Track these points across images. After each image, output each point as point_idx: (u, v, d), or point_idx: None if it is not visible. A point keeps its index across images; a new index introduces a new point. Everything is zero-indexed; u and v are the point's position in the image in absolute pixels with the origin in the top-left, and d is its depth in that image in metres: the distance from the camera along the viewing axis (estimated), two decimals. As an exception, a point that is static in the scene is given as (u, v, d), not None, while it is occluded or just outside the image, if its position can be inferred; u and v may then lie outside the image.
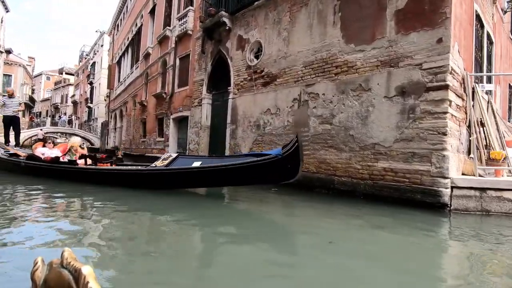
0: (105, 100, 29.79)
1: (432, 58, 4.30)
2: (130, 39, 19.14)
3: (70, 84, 54.32)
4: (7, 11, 27.03)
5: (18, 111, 8.10)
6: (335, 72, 5.56)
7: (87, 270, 0.44)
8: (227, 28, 8.29)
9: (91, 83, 37.81)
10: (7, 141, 8.16)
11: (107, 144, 23.31)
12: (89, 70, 40.14)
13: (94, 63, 37.78)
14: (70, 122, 33.53)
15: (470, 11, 5.21)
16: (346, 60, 5.38)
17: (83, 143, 5.82)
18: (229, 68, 8.32)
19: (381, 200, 4.62)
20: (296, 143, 3.16)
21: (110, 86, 24.60)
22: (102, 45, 35.29)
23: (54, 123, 34.32)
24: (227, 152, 8.06)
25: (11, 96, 8.26)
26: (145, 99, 14.30)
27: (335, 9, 5.67)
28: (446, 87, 4.16)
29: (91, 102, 37.46)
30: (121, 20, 23.41)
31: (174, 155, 4.02)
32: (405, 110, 4.52)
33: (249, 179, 3.55)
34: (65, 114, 47.53)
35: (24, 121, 30.08)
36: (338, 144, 5.37)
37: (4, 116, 7.90)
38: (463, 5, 4.74)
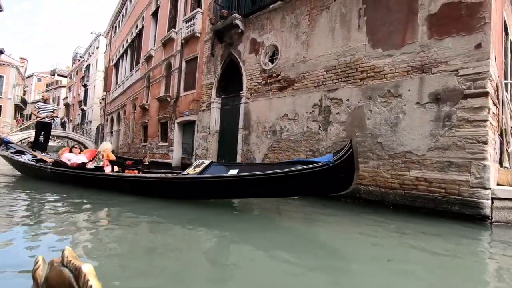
0: (100, 102, 29.19)
1: (470, 64, 4.15)
2: (129, 41, 18.78)
3: (62, 86, 53.32)
4: (1, 10, 26.32)
5: (52, 117, 7.90)
6: (360, 77, 5.38)
7: (87, 268, 0.43)
8: (240, 30, 8.08)
9: (85, 85, 37.09)
10: (35, 146, 7.93)
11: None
12: (83, 72, 39.42)
13: (88, 65, 37.14)
14: (63, 125, 32.68)
15: (501, 17, 5.12)
16: (373, 65, 5.21)
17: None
18: (241, 72, 8.09)
19: (413, 211, 4.42)
20: (351, 149, 2.75)
21: (106, 88, 24.12)
22: (97, 47, 34.74)
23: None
24: (238, 159, 7.79)
25: (46, 101, 8.00)
26: (147, 102, 13.93)
27: (360, 12, 5.52)
28: (486, 94, 4.01)
29: (85, 105, 36.70)
30: (119, 22, 23.03)
31: (207, 162, 3.72)
32: (440, 118, 4.35)
33: (295, 190, 3.22)
34: (57, 117, 46.56)
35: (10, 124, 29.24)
36: (365, 152, 5.16)
37: (37, 121, 7.69)
38: (497, 11, 4.63)
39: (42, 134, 7.93)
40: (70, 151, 5.94)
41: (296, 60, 6.58)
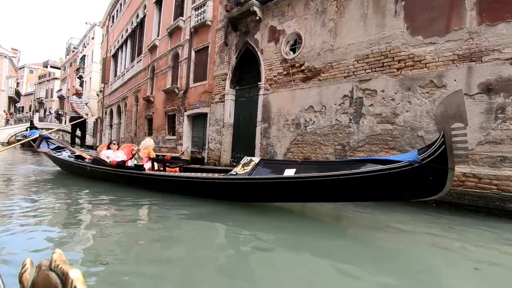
0: (97, 95, 28.42)
1: (528, 51, 3.86)
2: (129, 31, 18.11)
3: (55, 78, 51.89)
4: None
5: (89, 116, 7.77)
6: (397, 67, 5.07)
7: (75, 274, 0.41)
8: (257, 18, 7.67)
9: (80, 77, 36.06)
10: (73, 142, 7.81)
11: (101, 142, 22.14)
12: (78, 63, 38.32)
13: (84, 56, 36.06)
14: (59, 117, 31.80)
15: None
16: (412, 53, 4.89)
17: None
18: (258, 62, 7.71)
19: (459, 208, 4.17)
20: (444, 145, 2.25)
21: (104, 80, 23.41)
22: (93, 38, 33.68)
23: (40, 119, 32.53)
24: (257, 153, 7.47)
25: (79, 95, 7.67)
26: (151, 94, 13.44)
27: (396, -3, 5.17)
28: (546, 84, 3.73)
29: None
30: (117, 11, 22.22)
31: (256, 159, 3.38)
32: (492, 110, 4.07)
33: (370, 194, 2.76)
34: (50, 108, 45.37)
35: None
36: (403, 146, 4.88)
37: (72, 116, 7.53)
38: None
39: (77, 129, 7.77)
40: (108, 148, 5.66)
41: (323, 49, 6.22)
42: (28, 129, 8.27)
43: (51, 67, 55.59)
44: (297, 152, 6.54)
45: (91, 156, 6.13)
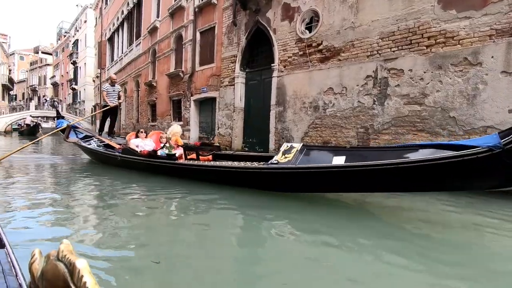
0: (93, 81, 27.71)
1: None
2: (125, 12, 17.35)
3: (48, 64, 50.47)
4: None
5: (119, 101, 7.56)
6: (427, 44, 4.79)
7: (81, 264, 0.42)
8: (269, -5, 7.24)
9: (74, 63, 35.08)
10: (101, 129, 7.70)
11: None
12: (70, 48, 37.13)
13: (76, 41, 34.90)
14: (54, 105, 31.07)
15: None
16: (444, 29, 4.61)
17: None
18: (271, 42, 7.36)
19: (492, 193, 4.03)
20: None
21: (101, 65, 22.72)
22: (85, 21, 32.46)
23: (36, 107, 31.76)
24: (271, 138, 7.26)
25: (113, 84, 7.44)
26: (154, 79, 13.02)
27: (427, -32, 4.82)
28: None
29: (76, 84, 34.91)
30: (111, -9, 21.23)
31: (297, 145, 3.16)
32: (534, 88, 3.87)
33: (437, 183, 2.46)
34: (44, 96, 44.30)
35: None
36: (433, 128, 4.70)
37: (104, 105, 7.40)
38: None
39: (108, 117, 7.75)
40: (136, 136, 5.45)
41: (343, 27, 5.90)
42: (55, 119, 8.10)
43: (43, 52, 53.90)
44: (315, 136, 6.35)
45: (120, 145, 6.02)
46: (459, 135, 4.45)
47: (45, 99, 31.19)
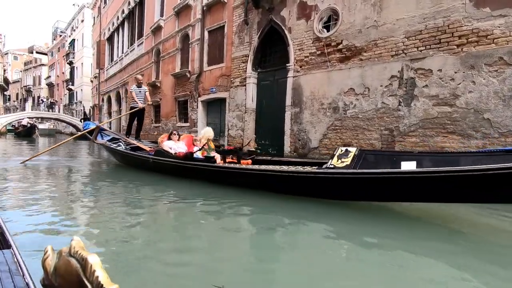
0: (91, 81, 27.23)
1: None
2: (126, 11, 17.02)
3: (43, 64, 49.70)
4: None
5: (148, 102, 7.40)
6: (457, 43, 4.63)
7: (93, 259, 0.43)
8: (284, -7, 7.04)
9: (70, 63, 34.51)
10: (128, 132, 7.45)
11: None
12: (67, 48, 36.53)
13: (73, 40, 34.36)
14: (52, 106, 30.50)
15: None
16: (477, 28, 4.45)
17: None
18: (286, 41, 7.15)
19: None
20: None
21: (99, 65, 22.31)
22: (82, 20, 31.97)
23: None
24: (287, 140, 7.04)
25: (140, 84, 7.21)
26: (157, 79, 12.72)
27: (457, -35, 4.66)
28: None
29: (72, 84, 34.33)
30: (110, -10, 20.87)
31: (353, 150, 2.93)
32: None
33: None
34: (39, 97, 43.52)
35: None
36: (465, 130, 4.52)
37: (131, 106, 7.20)
38: None
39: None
40: (169, 138, 5.19)
41: (365, 26, 5.71)
42: (82, 121, 7.87)
43: (37, 52, 53.11)
44: (335, 138, 6.15)
45: (151, 147, 5.76)
46: (494, 138, 4.28)
47: (41, 99, 30.56)
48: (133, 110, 7.14)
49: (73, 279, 0.44)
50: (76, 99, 33.33)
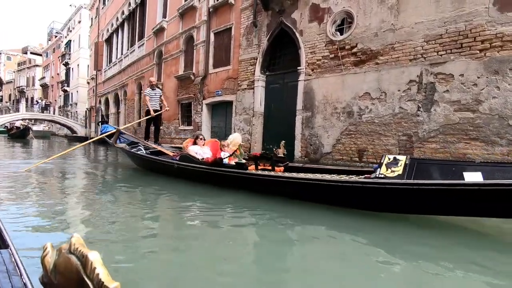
0: (88, 83, 26.81)
1: None
2: (126, 13, 16.79)
3: (37, 65, 48.98)
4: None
5: (161, 105, 7.12)
6: (480, 48, 4.53)
7: (94, 256, 0.43)
8: (296, -5, 6.92)
9: (66, 64, 34.03)
10: (147, 136, 7.17)
11: (96, 133, 20.90)
12: (62, 49, 36.05)
13: (69, 41, 33.91)
14: (47, 107, 29.92)
15: None
16: (501, 32, 4.35)
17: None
18: (296, 44, 7.02)
19: None
20: None
21: (97, 67, 21.97)
22: (79, 21, 31.60)
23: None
24: (297, 145, 6.87)
25: (153, 87, 6.96)
26: (159, 81, 12.47)
27: (480, -32, 4.58)
28: None
29: (68, 85, 33.82)
30: (109, -9, 20.63)
31: (403, 158, 2.73)
32: None
33: None
34: (32, 98, 42.77)
35: None
36: (489, 136, 4.41)
37: (147, 110, 6.92)
38: None
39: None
40: (194, 143, 4.93)
41: (381, 29, 5.60)
42: (100, 124, 7.54)
43: (31, 53, 52.37)
44: (349, 143, 6.00)
45: (175, 152, 5.53)
46: (520, 145, 4.17)
47: (36, 101, 29.96)
48: (148, 117, 6.86)
49: (73, 276, 0.43)
50: (72, 101, 32.82)
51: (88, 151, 12.06)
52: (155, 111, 6.79)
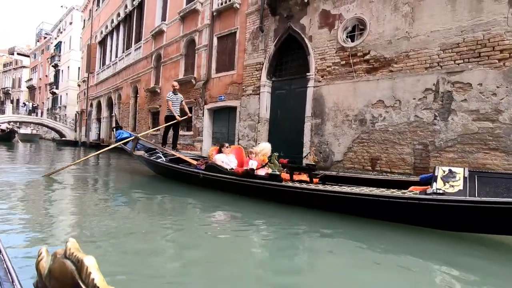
0: (79, 85, 26.12)
1: None
2: (122, 15, 16.46)
3: (24, 66, 47.58)
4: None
5: (189, 115, 6.86)
6: (499, 58, 4.50)
7: (89, 261, 0.42)
8: (305, 0, 6.83)
9: (55, 66, 33.13)
10: (164, 142, 6.84)
11: (87, 137, 20.25)
12: (52, 51, 35.15)
13: (59, 43, 33.09)
14: (34, 110, 28.89)
15: None
16: (521, 42, 4.34)
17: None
18: (305, 50, 6.91)
19: None
20: None
21: (89, 69, 21.41)
22: (70, 23, 30.92)
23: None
24: (306, 153, 6.69)
25: (175, 92, 6.62)
26: (157, 85, 12.19)
27: (498, -22, 4.58)
28: None
29: (57, 88, 32.87)
30: (104, -7, 20.25)
31: (459, 170, 2.54)
32: None
33: None
34: (18, 100, 41.36)
35: None
36: (509, 147, 4.35)
37: (167, 115, 6.62)
38: None
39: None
40: (219, 151, 4.68)
41: (395, 36, 5.55)
42: (114, 129, 7.05)
43: (18, 54, 50.87)
44: (361, 151, 5.87)
45: (198, 160, 5.29)
46: (542, 156, 4.12)
47: (24, 103, 28.94)
48: (170, 123, 6.52)
49: (68, 281, 0.43)
50: (60, 103, 31.89)
51: (97, 156, 11.58)
52: (174, 117, 6.45)
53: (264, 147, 4.35)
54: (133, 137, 5.95)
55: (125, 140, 5.88)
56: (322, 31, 6.64)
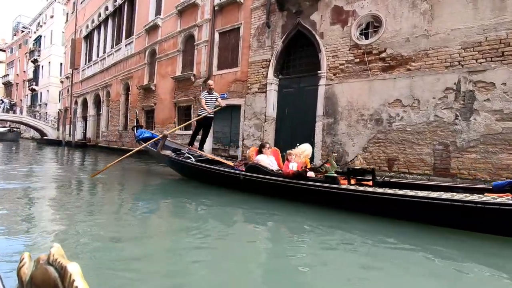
0: (61, 82, 24.91)
1: None
2: (111, 8, 15.73)
3: (0, 62, 45.02)
4: None
5: (216, 109, 6.27)
6: (524, 57, 4.45)
7: (73, 268, 0.40)
8: (316, -4, 6.62)
9: (35, 61, 31.49)
10: (192, 142, 6.43)
11: (72, 136, 19.28)
12: (31, 45, 33.38)
13: (39, 37, 31.46)
14: (12, 107, 27.26)
15: None
16: (546, 42, 4.30)
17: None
18: (316, 47, 6.71)
19: None
20: None
21: (74, 65, 20.41)
22: (52, 16, 29.43)
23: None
24: (317, 153, 6.50)
25: (211, 91, 6.16)
26: (152, 82, 11.67)
27: (522, -23, 4.53)
28: None
29: (37, 84, 31.26)
30: (90, -15, 19.33)
31: None
32: None
33: None
34: (4, 97, 39.06)
35: None
36: (535, 148, 4.30)
37: (199, 113, 6.19)
38: None
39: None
40: (260, 152, 4.38)
41: (413, 34, 5.43)
42: (134, 129, 6.45)
43: (-7, 48, 48.13)
44: (377, 152, 5.73)
45: (236, 161, 5.00)
46: None
47: (1, 100, 27.27)
48: (198, 117, 6.12)
49: None
50: (41, 101, 30.35)
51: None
52: (208, 117, 6.12)
53: (306, 149, 4.08)
54: (160, 136, 5.57)
55: (152, 140, 5.48)
56: (335, 27, 6.45)
